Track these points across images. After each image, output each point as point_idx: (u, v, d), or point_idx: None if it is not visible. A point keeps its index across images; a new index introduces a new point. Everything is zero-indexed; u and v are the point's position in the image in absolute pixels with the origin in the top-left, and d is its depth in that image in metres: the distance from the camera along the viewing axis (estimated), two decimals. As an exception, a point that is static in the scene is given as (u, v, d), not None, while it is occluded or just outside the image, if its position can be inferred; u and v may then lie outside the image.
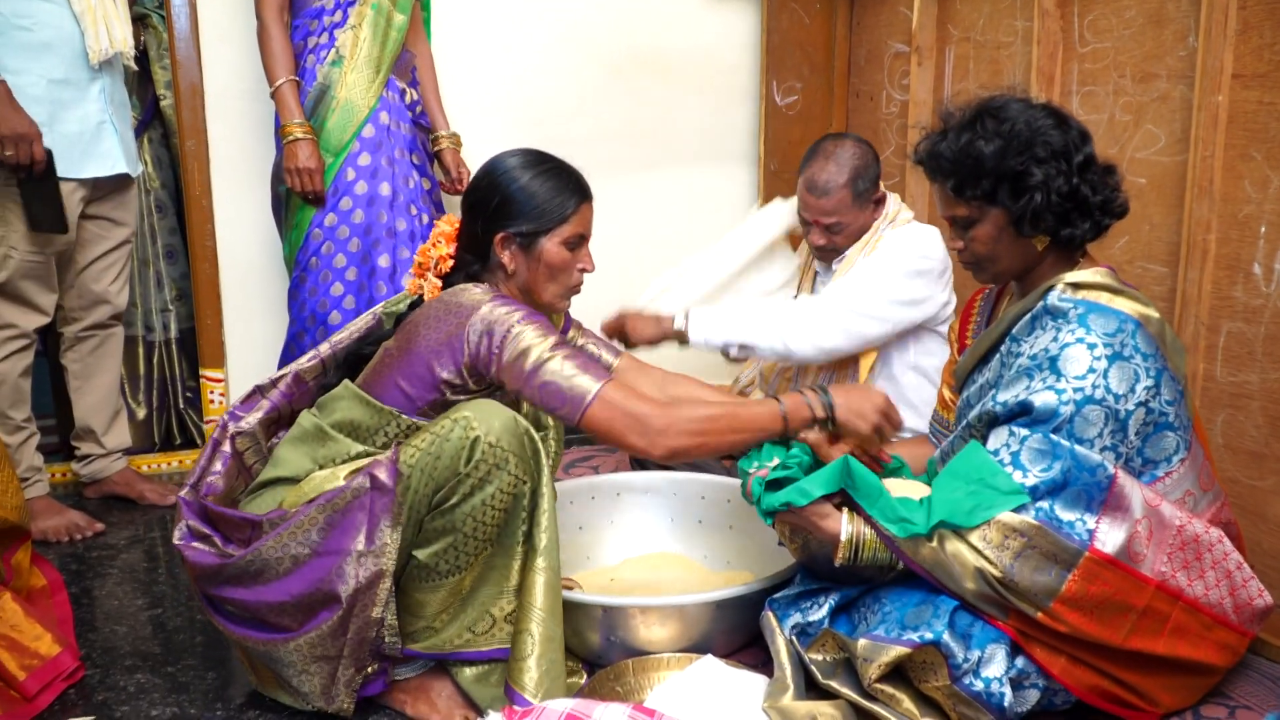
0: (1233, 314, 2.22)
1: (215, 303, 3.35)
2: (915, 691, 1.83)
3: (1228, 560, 1.85)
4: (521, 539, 1.85)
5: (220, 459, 2.00)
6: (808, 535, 1.94)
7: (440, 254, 2.05)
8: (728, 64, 3.75)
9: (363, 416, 1.93)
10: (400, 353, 1.94)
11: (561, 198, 2.00)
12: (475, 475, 1.77)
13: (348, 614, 1.79)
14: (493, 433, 1.77)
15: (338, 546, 1.78)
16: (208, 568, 1.86)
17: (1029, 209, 1.86)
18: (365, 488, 1.78)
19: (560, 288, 2.04)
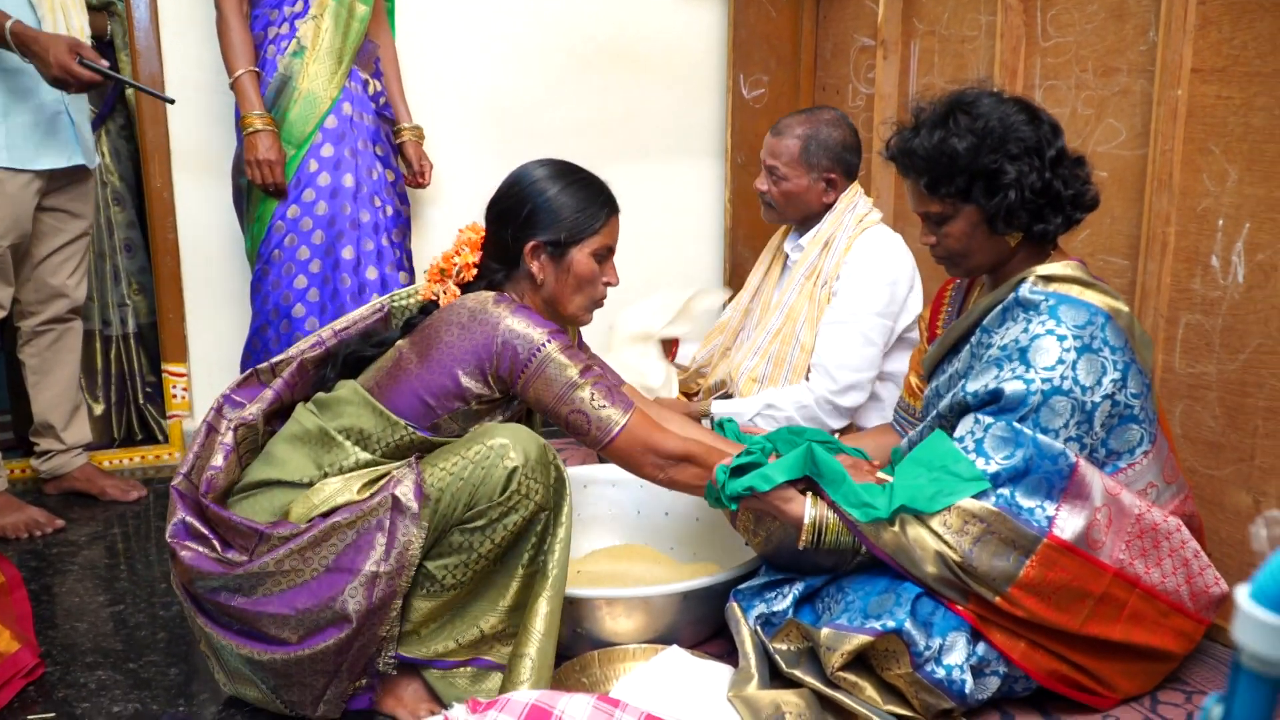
0: (1191, 306, 2.25)
1: (177, 296, 3.32)
2: (878, 679, 1.85)
3: (1185, 549, 1.88)
4: (525, 562, 1.85)
5: (221, 452, 1.92)
6: (771, 524, 1.95)
7: (465, 261, 2.03)
8: (695, 57, 3.76)
9: (372, 425, 1.90)
10: (420, 360, 1.91)
11: (593, 209, 2.00)
12: (506, 504, 1.78)
13: (355, 634, 1.77)
14: (529, 463, 1.79)
15: (351, 565, 1.76)
16: (202, 572, 1.82)
17: (1003, 206, 1.87)
18: (386, 507, 1.76)
19: (585, 300, 2.04)
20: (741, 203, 3.75)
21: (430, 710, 1.89)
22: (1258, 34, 2.08)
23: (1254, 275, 2.11)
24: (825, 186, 2.68)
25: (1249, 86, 2.10)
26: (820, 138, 2.66)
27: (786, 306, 2.73)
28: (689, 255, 3.88)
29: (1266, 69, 2.07)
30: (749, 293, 2.93)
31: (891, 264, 2.64)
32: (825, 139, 2.66)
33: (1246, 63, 2.10)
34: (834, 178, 2.67)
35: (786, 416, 2.57)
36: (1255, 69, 2.09)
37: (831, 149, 2.66)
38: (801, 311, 2.70)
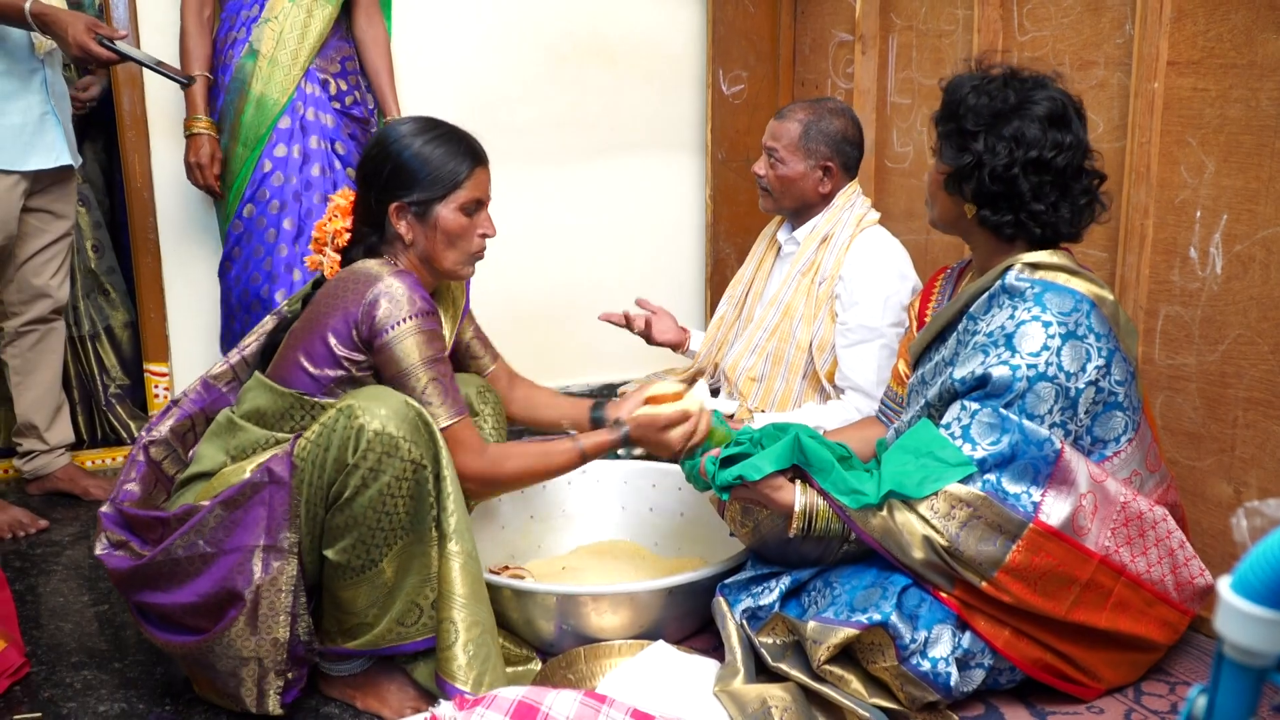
0: (1170, 298, 2.27)
1: (158, 296, 3.31)
2: (864, 672, 1.86)
3: (1170, 539, 1.90)
4: (433, 524, 1.82)
5: (135, 468, 1.97)
6: (760, 514, 1.96)
7: (336, 227, 2.02)
8: (674, 53, 3.76)
9: (267, 402, 1.90)
10: (302, 333, 1.92)
11: (454, 163, 1.97)
12: (365, 465, 1.74)
13: (254, 611, 1.76)
14: (378, 419, 1.74)
15: (240, 543, 1.76)
16: (124, 572, 1.84)
17: (958, 168, 1.93)
18: (264, 482, 1.76)
19: (461, 255, 2.01)
20: (722, 199, 3.75)
21: (415, 708, 1.88)
22: (1233, 26, 2.09)
23: (1232, 266, 2.13)
24: (822, 175, 2.67)
25: (1225, 78, 2.12)
26: (821, 125, 2.66)
27: (783, 303, 2.72)
28: (670, 251, 3.88)
29: (1242, 61, 2.08)
30: (742, 284, 2.92)
31: (896, 270, 2.63)
32: (825, 127, 2.66)
33: (1222, 55, 2.12)
34: (831, 166, 2.66)
35: None
36: (1230, 61, 2.10)
37: (830, 137, 2.66)
38: (798, 308, 2.69)
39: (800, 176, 2.66)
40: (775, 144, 2.68)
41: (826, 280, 2.65)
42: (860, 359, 2.58)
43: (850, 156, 2.69)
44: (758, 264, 2.90)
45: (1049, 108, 1.90)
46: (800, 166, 2.66)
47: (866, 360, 2.57)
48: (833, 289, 2.64)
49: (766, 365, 2.72)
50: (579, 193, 3.72)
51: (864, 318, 2.57)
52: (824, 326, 2.64)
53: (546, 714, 1.56)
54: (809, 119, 2.66)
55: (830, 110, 2.68)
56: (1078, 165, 1.92)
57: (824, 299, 2.65)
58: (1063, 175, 1.91)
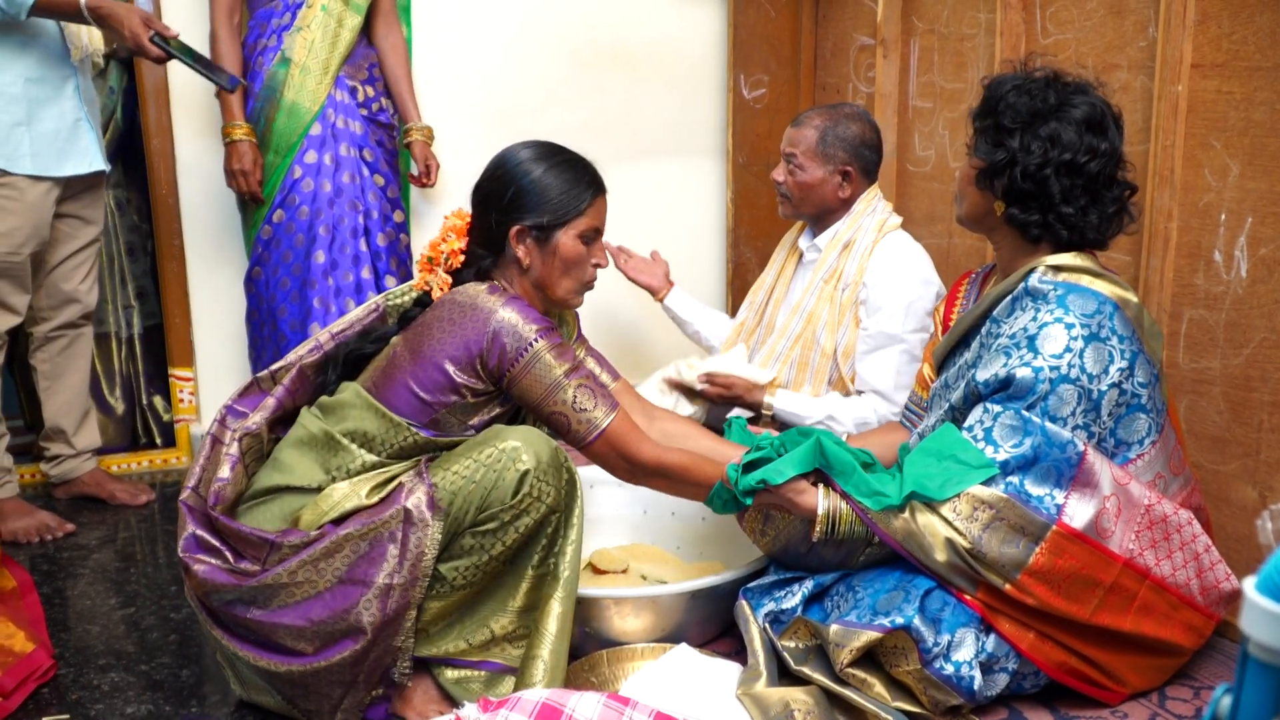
0: (1194, 301, 2.26)
1: (183, 301, 3.34)
2: (886, 676, 1.85)
3: (1196, 543, 1.89)
4: (535, 563, 1.86)
5: (228, 463, 1.91)
6: (780, 522, 1.97)
7: (451, 248, 2.02)
8: (695, 57, 3.76)
9: (375, 427, 1.89)
10: (411, 356, 1.91)
11: (578, 190, 1.98)
12: (519, 508, 1.79)
13: (371, 645, 1.78)
14: (541, 467, 1.79)
15: (364, 577, 1.76)
16: (217, 584, 1.82)
17: (992, 163, 1.94)
18: (399, 519, 1.76)
19: (574, 283, 2.02)
20: (743, 203, 3.75)
21: (439, 711, 1.89)
22: (1258, 28, 2.08)
23: (1257, 270, 2.12)
24: (841, 180, 2.66)
25: (1250, 81, 2.11)
26: (838, 130, 2.66)
27: (806, 311, 2.71)
28: (691, 256, 3.88)
29: (1267, 63, 2.07)
30: (763, 291, 2.92)
31: (919, 276, 2.62)
32: (843, 131, 2.66)
33: (1247, 57, 2.11)
34: (850, 171, 2.66)
35: (845, 432, 2.56)
36: (1256, 64, 2.09)
37: (848, 142, 2.65)
38: (821, 315, 2.69)
39: (819, 182, 2.66)
40: (793, 150, 2.68)
41: (850, 286, 2.65)
42: (878, 364, 2.58)
43: (869, 160, 2.69)
44: (779, 270, 2.90)
45: (1087, 112, 1.91)
46: (819, 172, 2.66)
47: (885, 365, 2.57)
48: (856, 295, 2.64)
49: (791, 372, 2.72)
50: (601, 198, 3.72)
51: (885, 324, 2.57)
52: (848, 333, 2.64)
53: (570, 716, 1.57)
54: (826, 124, 2.66)
55: (847, 115, 2.68)
56: (1110, 174, 1.93)
57: (848, 305, 2.65)
58: (1094, 181, 1.91)
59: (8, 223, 2.64)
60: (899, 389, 2.56)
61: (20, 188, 2.64)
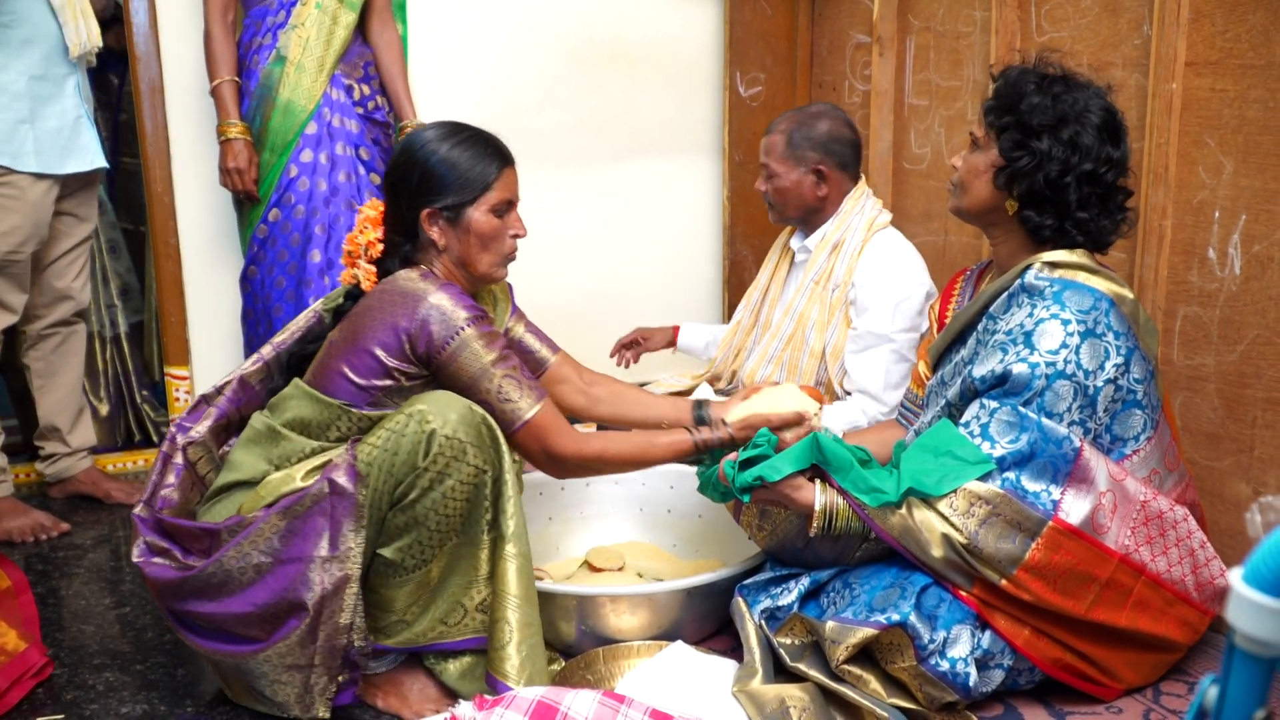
0: (1188, 298, 2.26)
1: (179, 300, 3.33)
2: (882, 673, 1.86)
3: (1191, 539, 1.89)
4: (487, 527, 1.84)
5: (173, 471, 1.97)
6: (777, 517, 1.97)
7: (368, 239, 2.03)
8: (691, 55, 3.76)
9: (313, 413, 1.90)
10: (345, 344, 1.92)
11: (482, 165, 1.97)
12: (434, 469, 1.77)
13: (315, 621, 1.78)
14: (449, 425, 1.77)
15: (300, 553, 1.77)
16: (169, 582, 1.84)
17: (1014, 166, 1.93)
18: (325, 492, 1.76)
19: (495, 257, 2.02)
20: (740, 201, 3.75)
21: (435, 709, 1.90)
22: (1251, 26, 2.09)
23: (1251, 267, 2.13)
24: (816, 179, 2.66)
25: (1243, 79, 2.11)
26: (805, 130, 2.67)
27: (797, 312, 2.72)
28: (688, 253, 3.89)
29: (1260, 61, 2.08)
30: (758, 291, 2.93)
31: (909, 275, 2.62)
32: (809, 131, 2.66)
33: (1240, 55, 2.12)
34: (822, 169, 2.66)
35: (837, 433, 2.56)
36: (1249, 61, 2.10)
37: (816, 140, 2.66)
38: (811, 315, 2.69)
39: (795, 185, 2.67)
40: (766, 159, 2.71)
41: (839, 287, 2.65)
42: (867, 364, 2.58)
43: (843, 155, 2.68)
44: (772, 271, 2.91)
45: (1104, 118, 1.92)
46: (793, 175, 2.67)
47: (874, 365, 2.57)
48: (846, 295, 2.64)
49: (782, 374, 2.72)
50: (598, 196, 3.73)
51: (873, 324, 2.58)
52: (838, 333, 2.64)
53: (565, 714, 1.57)
54: (791, 127, 2.68)
55: (813, 114, 2.70)
56: (1118, 182, 1.94)
57: (837, 305, 2.65)
58: (1109, 190, 1.93)
59: (9, 221, 2.64)
60: (888, 389, 2.56)
61: (22, 186, 2.64)
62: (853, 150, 2.71)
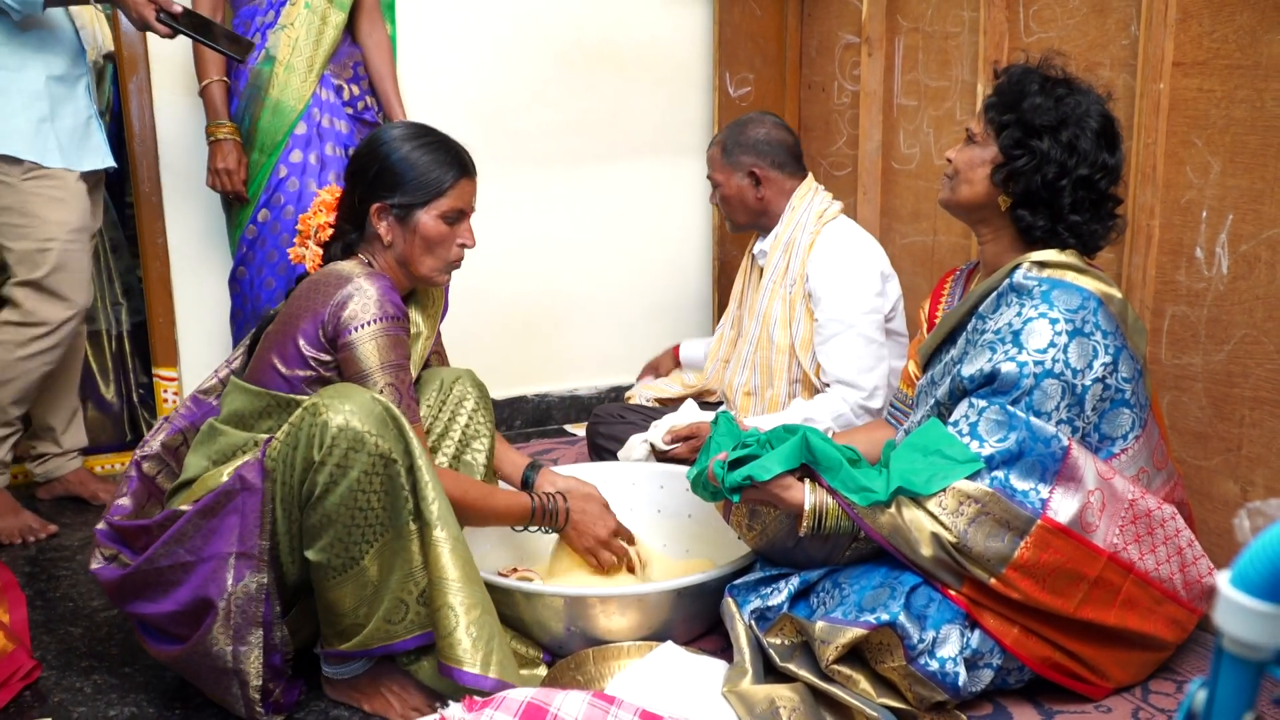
0: (1176, 298, 2.27)
1: (167, 301, 3.32)
2: (872, 672, 1.86)
3: (1179, 537, 1.90)
4: (410, 518, 1.80)
5: (128, 484, 1.99)
6: (767, 517, 1.97)
7: (319, 222, 2.04)
8: (681, 56, 3.76)
9: (244, 404, 1.90)
10: (275, 334, 1.93)
11: (440, 170, 1.98)
12: (331, 461, 1.73)
13: (225, 619, 1.76)
14: (342, 414, 1.73)
15: (215, 551, 1.77)
16: (115, 583, 1.86)
17: (1012, 164, 1.94)
18: (237, 489, 1.76)
19: (438, 262, 2.02)
20: (729, 201, 3.75)
21: (419, 710, 1.89)
22: (1238, 27, 2.10)
23: (1238, 266, 2.13)
24: (752, 182, 2.73)
25: (1230, 79, 2.12)
26: (736, 138, 2.77)
27: (761, 314, 2.76)
28: (677, 255, 3.89)
29: (1247, 61, 2.09)
30: (735, 301, 2.97)
31: (861, 258, 2.67)
32: (740, 138, 2.75)
33: (1227, 55, 2.12)
34: (756, 172, 2.73)
35: (825, 428, 2.57)
36: (1236, 61, 2.11)
37: (747, 145, 2.73)
38: (774, 314, 2.73)
39: (736, 191, 2.77)
40: (710, 172, 2.83)
41: (796, 282, 2.70)
42: (838, 351, 2.61)
43: (777, 154, 2.74)
44: (744, 280, 2.96)
45: (1102, 124, 1.94)
46: (732, 182, 2.77)
47: (845, 351, 2.61)
48: (803, 289, 2.68)
49: (756, 377, 2.75)
50: (587, 197, 3.73)
51: (834, 311, 2.62)
52: (803, 326, 2.68)
53: (555, 715, 1.57)
54: (725, 137, 2.80)
55: (746, 121, 2.80)
56: (1109, 188, 1.96)
57: (797, 300, 2.70)
58: (1102, 196, 1.95)
59: (59, 213, 2.65)
60: (862, 372, 2.59)
61: (61, 178, 2.66)
62: (785, 150, 2.76)
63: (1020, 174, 1.94)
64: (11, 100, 2.58)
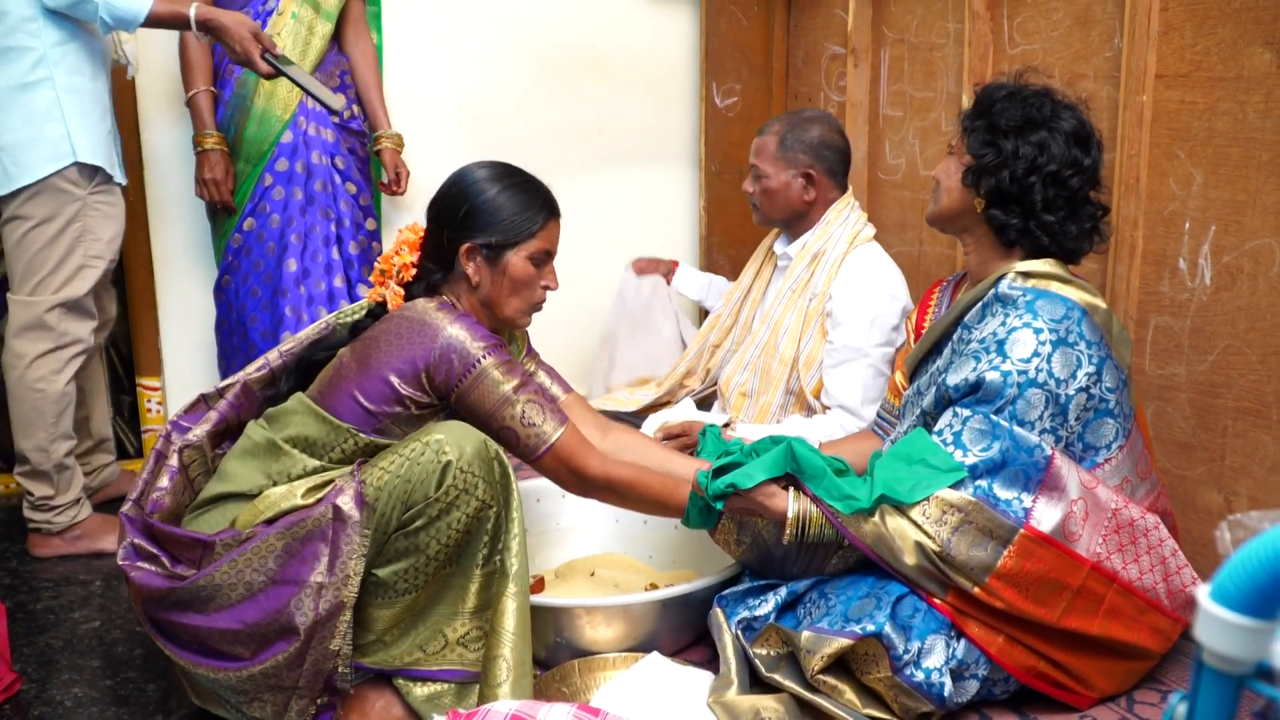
0: (1160, 308, 2.28)
1: (151, 310, 3.31)
2: (857, 683, 1.86)
3: (1163, 546, 1.90)
4: (480, 561, 1.83)
5: (167, 473, 1.94)
6: (755, 528, 1.97)
7: (404, 261, 2.03)
8: (668, 66, 3.77)
9: (317, 432, 1.89)
10: (358, 366, 1.91)
11: (530, 212, 2.00)
12: (445, 500, 1.76)
13: (305, 646, 1.76)
14: (464, 458, 1.76)
15: (296, 576, 1.75)
16: (154, 590, 1.81)
17: (980, 162, 1.97)
18: (328, 517, 1.74)
19: (523, 303, 2.03)
20: (716, 210, 3.76)
21: None
22: (1220, 40, 2.11)
23: (1221, 277, 2.14)
24: (804, 183, 2.68)
25: (1212, 91, 2.13)
26: (797, 133, 2.68)
27: (773, 319, 2.73)
28: (664, 263, 3.89)
29: (1229, 74, 2.10)
30: (740, 290, 2.94)
31: (886, 290, 2.63)
32: (801, 135, 2.68)
33: (1209, 68, 2.14)
34: (812, 173, 2.67)
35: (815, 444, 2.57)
36: (1218, 74, 2.12)
37: (808, 144, 2.67)
38: (785, 323, 2.70)
39: (783, 187, 2.68)
40: (757, 160, 2.72)
41: (817, 297, 2.66)
42: (845, 378, 2.59)
43: (832, 162, 2.70)
44: (755, 273, 2.92)
45: (1075, 126, 1.96)
46: (782, 177, 2.68)
47: (852, 380, 2.58)
48: (823, 306, 2.65)
49: (755, 380, 2.73)
50: (573, 205, 3.68)
51: (850, 338, 2.58)
52: (812, 343, 2.65)
53: (539, 727, 1.56)
54: (784, 129, 2.69)
55: (807, 119, 2.71)
56: (1087, 191, 1.97)
57: (813, 315, 2.66)
58: (1075, 195, 1.96)
59: (111, 229, 2.64)
60: (865, 404, 2.57)
61: (116, 193, 2.66)
62: (842, 158, 2.72)
63: (988, 171, 1.96)
64: (93, 109, 2.57)
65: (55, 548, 2.68)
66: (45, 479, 2.63)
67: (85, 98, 2.54)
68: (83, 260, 2.60)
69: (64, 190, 2.53)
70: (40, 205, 2.52)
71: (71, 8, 2.44)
